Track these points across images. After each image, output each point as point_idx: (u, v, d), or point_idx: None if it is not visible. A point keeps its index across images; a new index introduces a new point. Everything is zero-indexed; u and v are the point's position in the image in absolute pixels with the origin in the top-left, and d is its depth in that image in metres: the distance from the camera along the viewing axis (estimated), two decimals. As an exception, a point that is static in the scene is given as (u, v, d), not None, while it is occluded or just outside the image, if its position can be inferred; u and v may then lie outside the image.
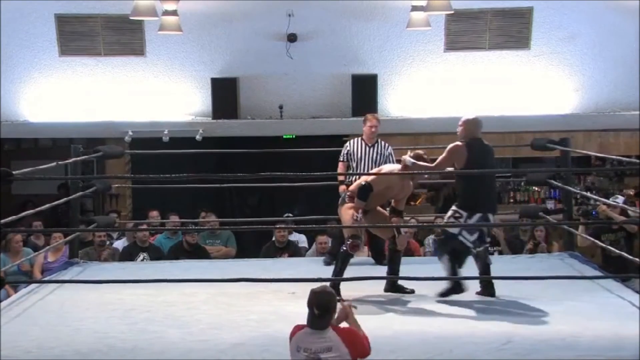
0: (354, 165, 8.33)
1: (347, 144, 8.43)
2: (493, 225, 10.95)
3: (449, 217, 6.92)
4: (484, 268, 6.99)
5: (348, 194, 7.08)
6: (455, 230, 6.83)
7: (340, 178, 8.37)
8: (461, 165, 6.89)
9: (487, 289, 6.95)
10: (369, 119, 8.41)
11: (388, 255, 7.25)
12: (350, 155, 8.32)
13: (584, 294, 6.85)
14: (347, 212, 7.05)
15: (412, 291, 7.06)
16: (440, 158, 6.99)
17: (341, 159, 8.42)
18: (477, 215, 6.80)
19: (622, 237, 9.09)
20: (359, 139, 8.39)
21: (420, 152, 7.17)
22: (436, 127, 12.57)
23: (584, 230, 8.91)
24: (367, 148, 8.30)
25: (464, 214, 6.80)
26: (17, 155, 13.69)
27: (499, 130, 12.59)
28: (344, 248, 7.06)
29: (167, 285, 7.17)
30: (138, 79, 12.82)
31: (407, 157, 7.02)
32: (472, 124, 7.02)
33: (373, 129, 8.35)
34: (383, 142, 8.41)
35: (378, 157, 8.27)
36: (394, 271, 7.14)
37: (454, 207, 6.92)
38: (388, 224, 7.13)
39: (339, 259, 7.13)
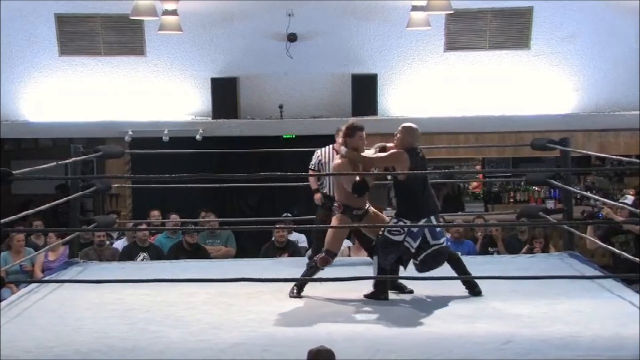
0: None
1: (319, 152, 8.31)
2: (493, 226, 10.99)
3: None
4: (462, 269, 6.99)
5: (336, 205, 7.08)
6: (400, 237, 6.80)
7: (314, 187, 8.32)
8: (401, 170, 6.83)
9: (472, 288, 6.96)
10: (342, 131, 8.27)
11: None
12: (322, 164, 8.21)
13: (584, 294, 6.85)
14: (334, 223, 7.09)
15: (411, 291, 7.06)
16: (379, 155, 6.93)
17: (312, 167, 8.31)
18: (422, 221, 6.80)
19: (632, 239, 9.04)
20: (330, 147, 8.24)
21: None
22: (436, 127, 12.57)
23: (593, 233, 8.85)
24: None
25: (407, 222, 6.79)
26: (17, 155, 13.70)
27: (499, 130, 12.63)
28: (316, 259, 7.08)
29: (167, 285, 7.17)
30: (138, 79, 12.83)
31: (342, 147, 7.00)
32: (411, 133, 6.93)
33: None
34: None
35: None
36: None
37: (397, 217, 6.86)
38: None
39: (310, 266, 7.14)
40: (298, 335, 5.92)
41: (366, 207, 7.12)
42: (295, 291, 7.02)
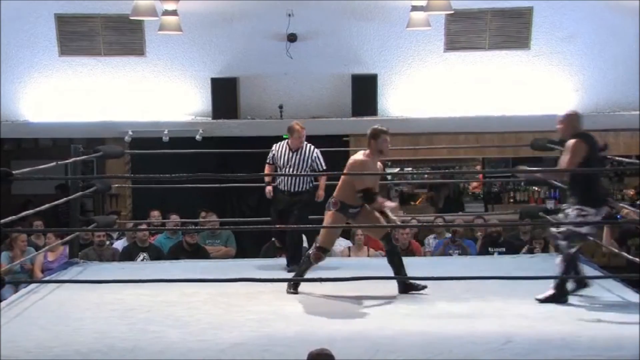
0: (279, 169, 8.43)
1: (274, 146, 8.50)
2: (492, 226, 10.98)
3: (576, 217, 6.59)
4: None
5: (332, 201, 7.12)
6: (583, 230, 6.62)
7: (267, 179, 8.52)
8: (580, 161, 6.60)
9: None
10: (296, 130, 8.33)
11: (387, 257, 7.26)
12: (276, 158, 8.43)
13: (584, 293, 6.85)
14: (325, 220, 7.17)
15: (425, 287, 7.04)
16: (568, 159, 6.60)
17: (268, 162, 8.51)
18: (604, 209, 6.64)
19: None
20: (285, 143, 8.42)
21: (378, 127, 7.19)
22: (436, 127, 12.58)
23: (610, 237, 8.79)
24: (291, 153, 8.36)
25: (591, 210, 6.57)
26: (17, 155, 13.70)
27: (499, 130, 12.62)
28: (309, 253, 7.18)
29: (167, 285, 7.18)
30: (138, 79, 12.83)
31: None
32: (576, 119, 6.82)
33: (302, 138, 8.35)
34: (309, 146, 8.41)
35: (301, 162, 8.34)
36: (399, 272, 7.14)
37: (577, 206, 6.59)
38: (379, 224, 7.19)
39: (303, 261, 7.27)
40: (298, 335, 5.93)
41: (361, 206, 7.15)
42: (292, 288, 7.12)
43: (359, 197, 7.03)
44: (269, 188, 8.47)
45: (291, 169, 8.33)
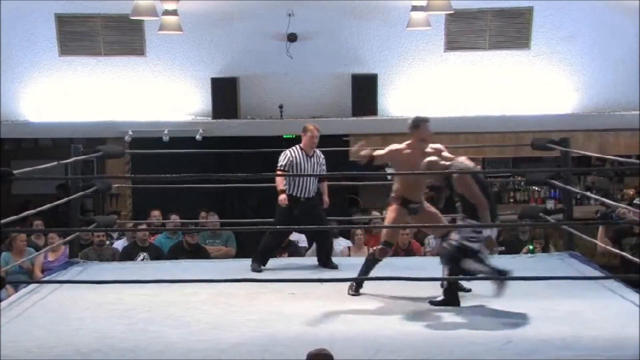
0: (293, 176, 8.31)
1: (288, 153, 8.34)
2: (493, 226, 10.96)
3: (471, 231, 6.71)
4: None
5: (393, 195, 7.15)
6: (476, 246, 6.66)
7: (281, 187, 8.26)
8: None
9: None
10: (310, 130, 8.37)
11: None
12: (294, 165, 8.28)
13: (584, 293, 6.86)
14: (388, 215, 7.20)
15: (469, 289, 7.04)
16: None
17: (283, 168, 8.30)
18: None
19: None
20: (298, 148, 8.34)
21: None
22: (436, 127, 12.45)
23: (604, 235, 8.78)
24: (308, 159, 8.34)
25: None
26: (17, 155, 13.69)
27: (499, 130, 12.62)
28: (373, 250, 7.19)
29: (167, 285, 7.18)
30: (138, 79, 12.83)
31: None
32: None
33: (315, 140, 8.34)
34: (318, 152, 8.44)
35: (316, 166, 8.35)
36: (452, 270, 7.15)
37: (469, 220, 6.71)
38: (439, 223, 7.29)
39: (367, 261, 7.21)
40: (298, 335, 5.93)
41: (422, 201, 7.21)
42: (354, 289, 7.08)
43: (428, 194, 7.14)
44: (283, 197, 8.24)
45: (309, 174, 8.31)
